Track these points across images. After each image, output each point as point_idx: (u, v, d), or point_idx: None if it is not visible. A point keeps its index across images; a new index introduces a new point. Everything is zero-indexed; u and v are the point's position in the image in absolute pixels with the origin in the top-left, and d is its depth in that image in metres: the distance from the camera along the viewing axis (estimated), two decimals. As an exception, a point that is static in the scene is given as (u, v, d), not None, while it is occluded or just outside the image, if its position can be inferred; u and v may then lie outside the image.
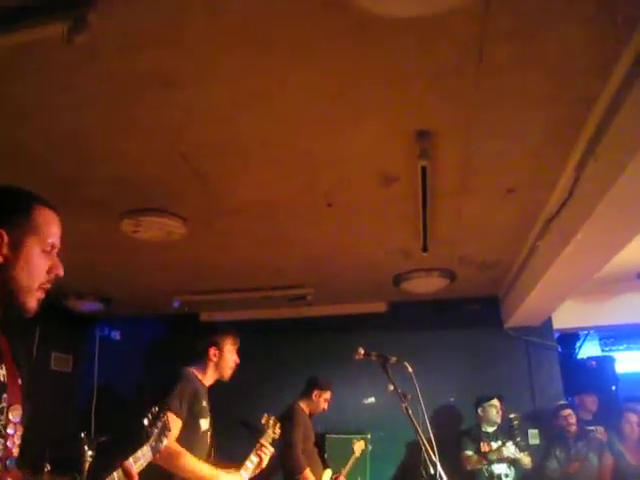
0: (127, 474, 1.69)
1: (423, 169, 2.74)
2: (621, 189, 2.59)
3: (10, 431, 1.29)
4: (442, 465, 2.55)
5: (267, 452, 3.03)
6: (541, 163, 2.97)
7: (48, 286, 1.34)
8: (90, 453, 4.75)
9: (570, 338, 7.12)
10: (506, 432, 4.96)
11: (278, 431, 3.20)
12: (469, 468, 4.86)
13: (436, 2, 1.89)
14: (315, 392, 4.44)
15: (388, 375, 2.80)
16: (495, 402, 5.08)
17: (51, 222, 1.37)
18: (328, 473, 4.54)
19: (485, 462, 4.79)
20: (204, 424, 2.97)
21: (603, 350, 8.12)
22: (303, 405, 4.39)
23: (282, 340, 6.06)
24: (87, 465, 4.67)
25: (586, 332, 7.18)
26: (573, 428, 4.98)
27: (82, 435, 4.80)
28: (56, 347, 6.01)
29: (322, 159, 2.91)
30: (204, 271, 4.82)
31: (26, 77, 2.22)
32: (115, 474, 1.67)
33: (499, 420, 5.05)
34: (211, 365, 3.08)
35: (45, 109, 2.43)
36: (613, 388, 6.75)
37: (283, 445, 3.97)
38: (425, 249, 3.65)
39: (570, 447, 4.94)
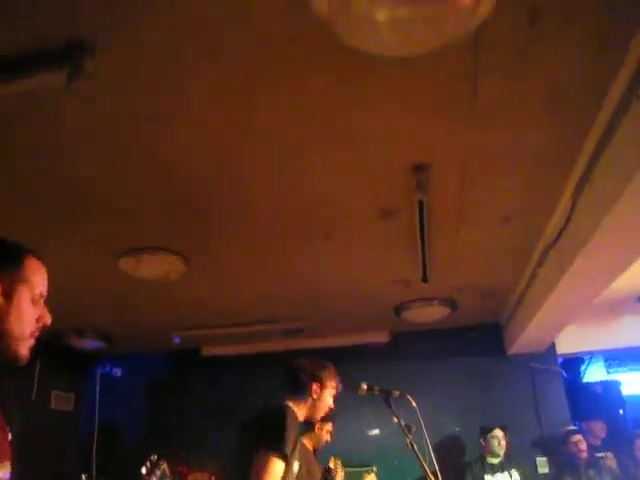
0: None
1: (420, 202, 2.76)
2: (617, 216, 2.59)
3: None
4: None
5: None
6: (538, 191, 2.99)
7: (37, 334, 1.36)
8: (91, 494, 4.68)
9: (574, 362, 7.06)
10: (510, 465, 4.90)
11: (342, 473, 3.08)
12: None
13: (429, 41, 1.92)
14: (317, 425, 4.37)
15: (391, 409, 2.77)
16: (497, 432, 4.98)
17: (39, 271, 1.39)
18: None
19: None
20: (296, 466, 2.75)
21: (608, 373, 8.05)
22: (305, 440, 4.32)
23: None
24: (88, 507, 4.60)
25: (590, 356, 7.13)
26: (584, 455, 4.87)
27: (84, 477, 4.73)
28: (56, 385, 5.95)
29: (319, 193, 2.93)
30: (204, 307, 4.81)
31: (28, 121, 2.25)
32: None
33: (502, 451, 4.97)
34: (310, 401, 2.86)
35: (46, 150, 2.46)
36: (620, 412, 6.67)
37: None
38: (425, 280, 3.65)
39: (581, 475, 4.83)
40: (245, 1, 1.73)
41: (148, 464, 2.00)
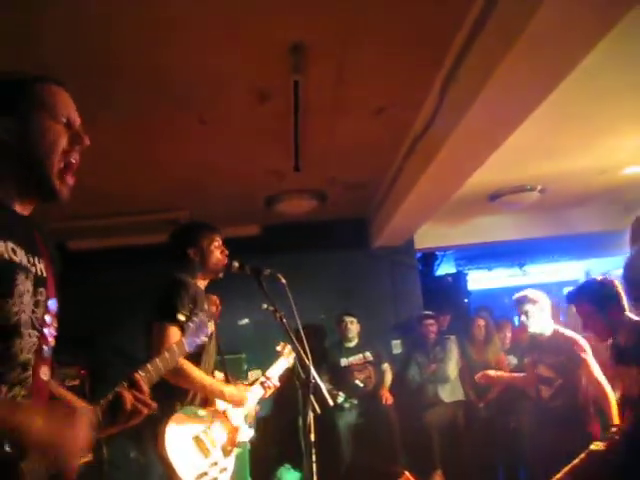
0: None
1: (295, 83, 2.73)
2: (476, 112, 2.78)
3: (48, 319, 1.30)
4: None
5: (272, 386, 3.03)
6: (410, 82, 3.06)
7: (67, 171, 1.32)
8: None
9: (430, 258, 7.72)
10: (364, 347, 5.36)
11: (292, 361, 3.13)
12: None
13: None
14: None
15: (263, 288, 2.80)
16: (347, 319, 5.42)
17: (58, 96, 1.32)
18: None
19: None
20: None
21: (458, 269, 8.93)
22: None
23: (157, 266, 5.91)
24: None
25: (443, 252, 7.81)
26: (432, 336, 5.54)
27: None
28: None
29: (193, 72, 2.79)
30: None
31: None
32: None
33: (354, 336, 5.42)
34: (195, 266, 2.87)
35: None
36: (465, 301, 7.53)
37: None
38: (297, 168, 3.67)
39: (429, 352, 5.49)
40: None
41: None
